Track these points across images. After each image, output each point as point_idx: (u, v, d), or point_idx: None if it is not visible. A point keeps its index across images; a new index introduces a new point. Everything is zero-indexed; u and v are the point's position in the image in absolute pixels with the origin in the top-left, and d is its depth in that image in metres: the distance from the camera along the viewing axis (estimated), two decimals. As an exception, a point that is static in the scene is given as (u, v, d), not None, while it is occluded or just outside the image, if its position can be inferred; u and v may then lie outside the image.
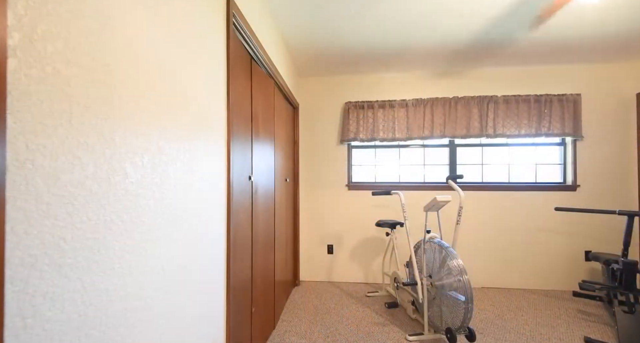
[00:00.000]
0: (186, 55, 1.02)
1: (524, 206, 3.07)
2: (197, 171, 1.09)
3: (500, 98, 3.02)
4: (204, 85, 1.14)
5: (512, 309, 2.59)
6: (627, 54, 2.77)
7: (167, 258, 0.92)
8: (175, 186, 0.96)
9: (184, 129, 1.01)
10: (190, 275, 1.05)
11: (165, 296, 0.91)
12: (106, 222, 0.70)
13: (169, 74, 0.93)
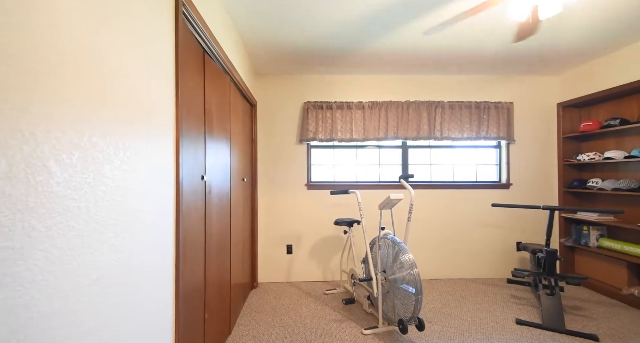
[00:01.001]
0: (126, 40, 0.94)
1: (466, 202, 3.36)
2: (140, 170, 1.01)
3: (446, 104, 3.26)
4: (147, 75, 1.05)
5: (457, 298, 2.82)
6: (550, 68, 3.18)
7: (104, 267, 0.83)
8: (114, 187, 0.88)
9: (124, 124, 0.92)
10: (132, 283, 0.96)
11: (101, 310, 0.82)
12: (25, 228, 0.61)
13: (104, 60, 0.84)
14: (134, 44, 0.97)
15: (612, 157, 2.76)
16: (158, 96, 1.12)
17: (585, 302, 2.70)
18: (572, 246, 3.22)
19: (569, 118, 3.30)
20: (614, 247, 2.77)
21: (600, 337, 2.11)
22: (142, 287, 1.02)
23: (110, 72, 0.86)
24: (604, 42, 2.55)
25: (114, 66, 0.87)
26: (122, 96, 0.91)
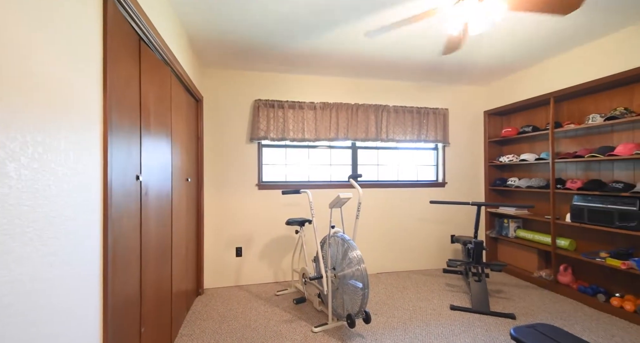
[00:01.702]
0: (39, 19, 0.80)
1: (408, 200, 3.61)
2: (57, 169, 0.87)
3: (391, 108, 3.47)
4: (66, 61, 0.92)
5: (400, 289, 3.01)
6: (478, 80, 3.58)
7: (8, 282, 0.70)
8: (19, 189, 0.74)
9: (34, 115, 0.79)
10: (45, 301, 0.83)
11: (6, 333, 0.69)
12: None
13: (6, 43, 0.71)
14: (50, 25, 0.84)
15: (526, 159, 3.21)
16: (80, 85, 0.98)
17: (505, 285, 3.10)
18: (495, 237, 3.67)
19: (493, 125, 3.75)
20: (527, 237, 3.22)
21: (517, 315, 2.44)
22: (60, 304, 0.88)
23: (16, 57, 0.73)
24: (520, 59, 2.96)
25: (22, 51, 0.74)
26: (31, 84, 0.78)
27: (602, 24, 2.26)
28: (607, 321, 2.32)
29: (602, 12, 2.09)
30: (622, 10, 2.08)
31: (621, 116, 2.37)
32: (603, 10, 2.07)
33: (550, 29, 2.34)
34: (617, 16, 2.15)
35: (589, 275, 2.79)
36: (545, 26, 2.30)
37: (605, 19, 2.19)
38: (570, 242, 2.81)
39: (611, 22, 2.24)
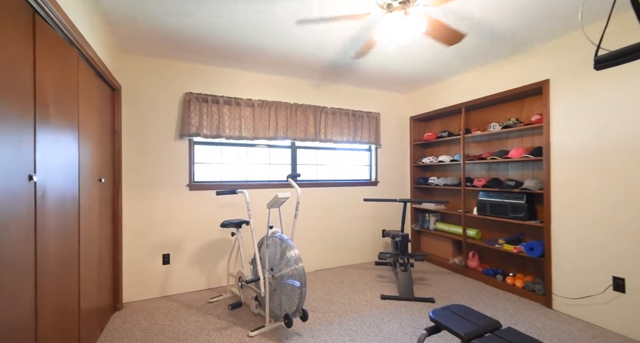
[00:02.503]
0: None
1: (346, 198, 3.77)
2: None
3: (329, 109, 3.58)
4: None
5: (337, 284, 3.13)
6: (405, 87, 3.93)
7: None
8: None
9: None
10: None
11: None
12: None
13: None
14: None
15: (443, 160, 3.65)
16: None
17: (427, 273, 3.47)
18: (419, 230, 4.08)
19: (417, 129, 4.17)
20: (444, 228, 3.66)
21: (435, 299, 2.75)
22: None
23: None
24: (439, 72, 3.35)
25: None
26: None
27: (499, 50, 2.70)
28: (503, 297, 2.79)
29: (496, 42, 2.50)
30: (511, 43, 2.52)
31: (513, 125, 2.87)
32: (498, 40, 2.48)
33: (461, 50, 2.70)
34: (507, 47, 2.60)
35: (490, 259, 3.30)
36: (457, 47, 2.65)
37: (500, 47, 2.62)
38: (477, 232, 3.29)
39: (503, 51, 2.70)
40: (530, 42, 2.58)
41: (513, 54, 2.83)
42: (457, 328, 1.56)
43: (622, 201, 2.13)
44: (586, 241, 2.32)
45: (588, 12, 2.11)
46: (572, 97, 2.40)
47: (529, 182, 2.75)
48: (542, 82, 2.59)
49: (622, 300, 2.12)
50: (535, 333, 2.14)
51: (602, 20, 2.20)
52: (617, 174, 2.15)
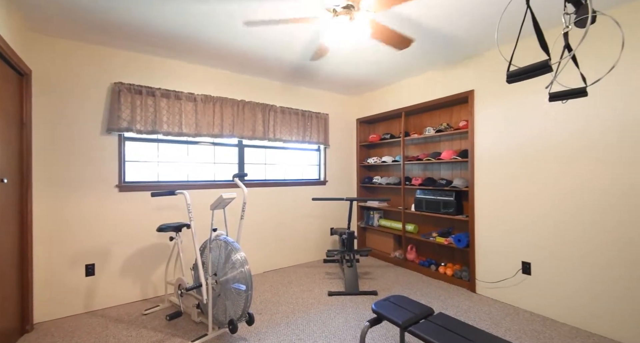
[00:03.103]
0: None
1: (294, 198, 3.77)
2: None
3: (278, 108, 3.54)
4: None
5: (285, 284, 3.11)
6: (352, 90, 4.08)
7: None
8: None
9: None
10: None
11: None
12: None
13: None
14: None
15: (386, 161, 3.88)
16: None
17: (370, 267, 3.66)
18: (364, 227, 4.28)
19: (363, 131, 4.36)
20: (386, 225, 3.90)
21: (378, 291, 2.91)
22: None
23: None
24: (383, 78, 3.55)
25: None
26: None
27: (434, 62, 2.97)
28: (437, 285, 3.07)
29: (430, 55, 2.75)
30: (443, 56, 2.79)
31: (445, 129, 3.18)
32: (432, 53, 2.72)
33: (401, 59, 2.90)
34: (441, 59, 2.87)
35: (426, 251, 3.61)
36: (398, 57, 2.84)
37: (434, 59, 2.88)
38: (415, 227, 3.58)
39: (437, 62, 2.97)
40: (459, 56, 2.89)
41: (445, 65, 3.14)
42: (396, 317, 1.68)
43: (528, 198, 2.51)
44: (501, 232, 2.68)
45: (503, 35, 2.44)
46: (491, 106, 2.75)
47: (457, 181, 3.08)
48: (467, 92, 2.93)
49: (529, 281, 2.50)
50: (462, 315, 2.41)
51: (514, 42, 2.56)
52: (525, 175, 2.53)
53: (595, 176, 2.14)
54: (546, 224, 2.39)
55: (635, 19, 1.96)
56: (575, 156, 2.24)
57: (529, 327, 2.22)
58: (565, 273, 2.29)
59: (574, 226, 2.24)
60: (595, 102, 2.14)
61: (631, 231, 1.98)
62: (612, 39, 2.05)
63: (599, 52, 2.10)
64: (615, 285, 2.05)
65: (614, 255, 2.06)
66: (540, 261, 2.43)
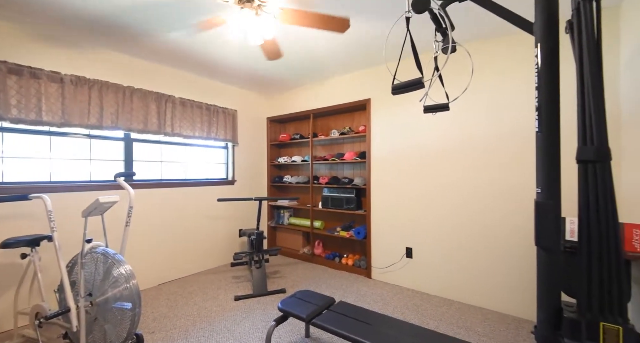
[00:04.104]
0: None
1: (199, 199, 3.47)
2: None
3: (177, 99, 3.18)
4: None
5: (185, 295, 2.83)
6: (263, 89, 4.01)
7: None
8: None
9: None
10: None
11: None
12: None
13: None
14: None
15: (295, 160, 3.97)
16: None
17: (280, 265, 3.68)
18: (275, 226, 4.27)
19: (274, 130, 4.35)
20: (296, 223, 3.99)
21: (287, 289, 2.95)
22: None
23: None
24: (293, 79, 3.60)
25: None
26: None
27: (339, 68, 3.19)
28: (340, 275, 3.31)
29: (333, 63, 2.95)
30: (348, 64, 3.03)
31: (347, 132, 3.46)
32: (335, 62, 2.92)
33: (310, 63, 3.01)
34: (344, 67, 3.11)
35: (332, 245, 3.86)
36: (308, 59, 2.93)
37: (339, 66, 3.10)
38: (322, 223, 3.77)
39: (343, 68, 3.21)
40: (360, 66, 3.19)
41: (350, 72, 3.41)
42: (301, 312, 1.73)
43: (413, 193, 2.96)
44: (392, 223, 3.09)
45: (391, 52, 2.80)
46: (384, 114, 3.13)
47: (357, 179, 3.39)
48: (365, 100, 3.26)
49: (411, 264, 2.96)
50: (360, 300, 2.67)
51: (407, 58, 2.98)
52: (410, 174, 2.97)
53: (465, 175, 2.68)
54: (426, 215, 2.88)
55: (483, 52, 2.53)
56: (449, 159, 2.76)
57: (411, 302, 2.63)
58: (438, 255, 2.80)
59: (447, 217, 2.76)
60: (464, 115, 2.68)
61: (488, 220, 2.57)
62: (477, 65, 2.60)
63: (462, 75, 2.64)
64: (475, 263, 2.62)
65: (477, 241, 2.63)
66: (419, 246, 2.91)
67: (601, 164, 0.98)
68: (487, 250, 2.54)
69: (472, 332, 2.16)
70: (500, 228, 2.47)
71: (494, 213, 2.50)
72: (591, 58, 1.00)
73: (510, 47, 2.40)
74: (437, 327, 2.22)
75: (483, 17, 2.15)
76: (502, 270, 2.45)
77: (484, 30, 2.35)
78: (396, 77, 1.25)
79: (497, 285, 2.47)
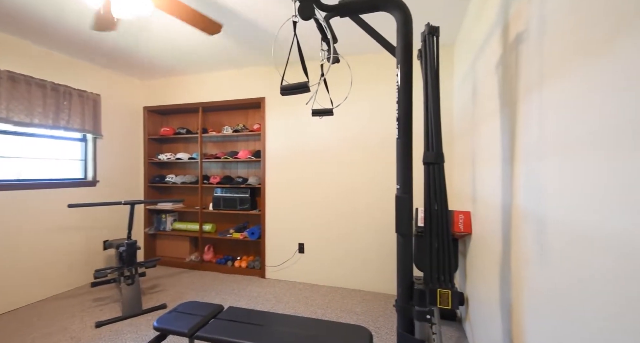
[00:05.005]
0: None
1: (40, 206, 2.66)
2: None
3: (3, 73, 2.36)
4: None
5: (21, 332, 2.12)
6: (137, 71, 3.41)
7: None
8: None
9: None
10: None
11: None
12: None
13: None
14: None
15: (181, 158, 3.55)
16: None
17: (160, 278, 3.23)
18: (154, 233, 3.72)
19: (153, 122, 3.77)
20: (182, 227, 3.58)
21: (168, 303, 2.61)
22: None
23: None
24: (181, 65, 3.21)
25: None
26: None
27: (236, 61, 3.03)
28: (232, 280, 3.16)
29: (232, 55, 2.80)
30: (243, 58, 2.92)
31: (241, 130, 3.33)
32: (232, 54, 2.78)
33: (203, 50, 2.75)
34: (240, 61, 2.99)
35: (224, 249, 3.64)
36: (200, 46, 2.67)
37: (235, 60, 2.95)
38: (212, 226, 3.52)
39: (238, 62, 3.07)
40: (253, 63, 3.12)
41: (241, 68, 3.29)
42: (181, 327, 1.55)
43: (305, 191, 3.10)
44: (286, 221, 3.16)
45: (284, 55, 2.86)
46: (279, 114, 3.17)
47: (252, 179, 3.32)
48: (260, 98, 3.22)
49: (303, 258, 3.10)
50: (252, 302, 2.62)
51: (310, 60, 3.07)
52: (301, 173, 3.10)
53: (347, 173, 2.97)
54: (315, 210, 3.06)
55: (365, 65, 2.88)
56: (335, 158, 3.00)
57: (302, 295, 2.76)
58: (325, 247, 3.02)
59: (332, 211, 3.01)
60: (348, 120, 2.96)
61: (363, 212, 2.91)
62: (360, 77, 2.91)
63: (346, 85, 2.92)
64: (353, 251, 2.94)
65: (355, 231, 2.94)
66: (310, 241, 3.08)
67: (438, 166, 1.26)
68: (362, 238, 2.90)
69: (352, 313, 2.43)
70: (372, 219, 2.86)
71: (368, 207, 2.88)
72: (432, 82, 1.27)
73: (386, 64, 2.82)
74: (324, 314, 2.40)
75: (365, 35, 2.44)
76: (374, 254, 2.86)
77: (368, 46, 2.67)
78: (287, 80, 1.28)
79: (371, 269, 2.87)
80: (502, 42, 1.33)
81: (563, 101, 0.80)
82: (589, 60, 0.69)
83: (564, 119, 0.80)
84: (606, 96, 0.63)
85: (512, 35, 1.21)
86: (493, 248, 1.45)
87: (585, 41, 0.71)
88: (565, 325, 0.77)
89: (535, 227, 0.97)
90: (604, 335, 0.61)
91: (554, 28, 0.86)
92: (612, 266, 0.59)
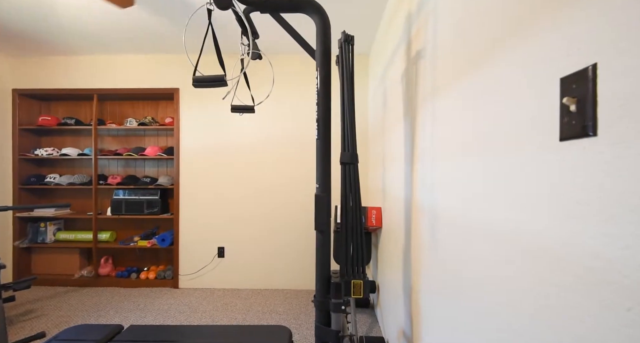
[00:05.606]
0: None
1: None
2: None
3: None
4: None
5: None
6: (6, 47, 2.69)
7: None
8: None
9: None
10: None
11: None
12: None
13: None
14: None
15: (68, 153, 2.94)
16: None
17: (38, 301, 2.61)
18: (28, 247, 2.99)
19: (27, 109, 3.03)
20: (69, 238, 2.97)
21: (48, 330, 2.13)
22: None
23: None
24: (72, 42, 2.64)
25: None
26: None
27: (142, 45, 2.65)
28: (137, 294, 2.77)
29: (144, 36, 2.45)
30: (156, 43, 2.58)
31: (150, 123, 2.95)
32: (143, 34, 2.43)
33: (103, 24, 2.32)
34: (159, 43, 2.64)
35: (126, 260, 3.16)
36: (99, 18, 2.24)
37: (145, 42, 2.59)
38: (111, 233, 3.02)
39: (146, 46, 2.70)
40: (171, 49, 2.80)
41: (148, 53, 2.91)
42: (64, 358, 1.28)
43: (225, 192, 2.93)
44: (204, 224, 2.93)
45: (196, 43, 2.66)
46: (196, 107, 2.92)
47: (163, 178, 2.97)
48: (173, 89, 2.91)
49: (223, 263, 2.93)
50: (161, 316, 2.34)
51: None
52: (220, 171, 2.93)
53: (269, 171, 2.91)
54: (238, 211, 2.92)
55: (290, 65, 2.88)
56: (257, 156, 2.91)
57: (221, 302, 2.60)
58: (247, 249, 2.92)
59: (255, 211, 2.92)
60: (271, 118, 2.91)
61: (283, 211, 2.90)
62: (282, 75, 2.89)
63: (269, 83, 2.88)
64: (275, 251, 2.91)
65: (276, 230, 2.91)
66: (231, 244, 2.93)
67: (353, 166, 1.35)
68: (283, 237, 2.91)
69: (275, 313, 2.41)
70: (293, 218, 2.90)
71: (288, 205, 2.91)
72: (347, 87, 1.35)
73: (308, 66, 2.88)
74: (244, 319, 2.31)
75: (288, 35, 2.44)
76: (295, 253, 2.90)
77: (292, 46, 2.67)
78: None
79: (294, 267, 2.90)
80: (406, 57, 1.51)
81: (448, 111, 0.96)
82: (466, 77, 0.83)
83: (449, 125, 0.95)
84: (477, 108, 0.77)
85: (414, 51, 1.38)
86: (398, 238, 1.63)
87: (465, 60, 0.85)
88: (452, 302, 0.92)
89: (428, 217, 1.13)
90: (482, 304, 0.75)
91: (442, 48, 1.02)
92: (490, 250, 0.72)
